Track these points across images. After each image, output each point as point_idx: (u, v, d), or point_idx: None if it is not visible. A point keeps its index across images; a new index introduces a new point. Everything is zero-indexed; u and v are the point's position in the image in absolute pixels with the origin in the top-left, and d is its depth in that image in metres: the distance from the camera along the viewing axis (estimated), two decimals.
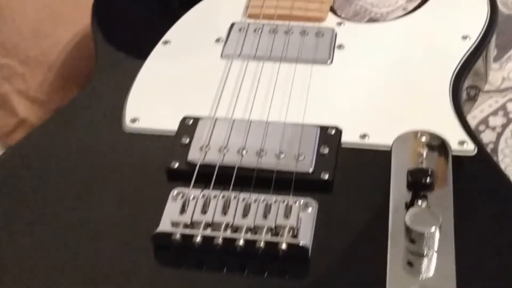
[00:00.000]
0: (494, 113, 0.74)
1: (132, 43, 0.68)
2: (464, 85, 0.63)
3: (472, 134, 0.57)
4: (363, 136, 0.57)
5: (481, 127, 0.73)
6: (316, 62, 0.64)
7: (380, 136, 0.57)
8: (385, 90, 0.61)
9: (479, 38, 0.65)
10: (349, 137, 0.57)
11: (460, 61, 0.63)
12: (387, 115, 0.59)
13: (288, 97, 0.60)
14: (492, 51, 0.71)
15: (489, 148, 0.71)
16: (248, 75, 0.62)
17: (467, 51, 0.64)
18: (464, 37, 0.65)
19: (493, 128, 0.73)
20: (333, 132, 0.57)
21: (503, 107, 0.74)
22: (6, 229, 0.53)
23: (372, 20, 0.86)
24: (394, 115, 0.59)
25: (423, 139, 0.57)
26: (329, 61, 0.64)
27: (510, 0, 0.84)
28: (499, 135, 0.72)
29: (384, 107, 0.60)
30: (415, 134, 0.57)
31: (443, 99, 0.60)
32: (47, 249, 0.51)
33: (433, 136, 0.57)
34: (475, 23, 0.67)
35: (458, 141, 0.57)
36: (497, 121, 0.73)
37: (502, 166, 0.70)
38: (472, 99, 0.70)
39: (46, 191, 0.55)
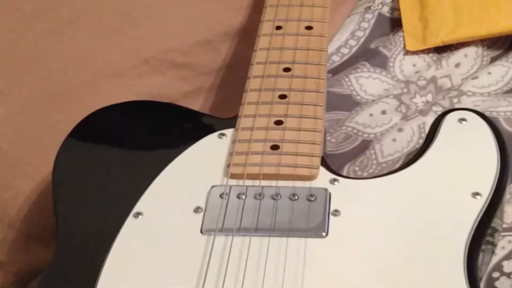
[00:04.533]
0: (508, 256, 0.66)
1: (99, 214, 0.59)
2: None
3: None
4: None
5: (495, 274, 0.65)
6: (309, 234, 0.56)
7: None
8: (389, 268, 0.53)
9: (492, 193, 0.58)
10: None
11: (473, 227, 0.56)
12: None
13: (281, 284, 0.53)
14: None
15: None
16: (234, 256, 0.54)
17: (480, 212, 0.57)
18: (475, 194, 0.58)
19: (509, 275, 0.65)
20: None
21: None
22: None
23: (366, 141, 0.78)
24: None
25: None
26: (324, 233, 0.56)
27: None
28: None
29: None
30: None
31: (458, 281, 0.52)
32: None
33: None
34: (485, 174, 0.59)
35: None
36: None
37: None
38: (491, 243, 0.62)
39: None
